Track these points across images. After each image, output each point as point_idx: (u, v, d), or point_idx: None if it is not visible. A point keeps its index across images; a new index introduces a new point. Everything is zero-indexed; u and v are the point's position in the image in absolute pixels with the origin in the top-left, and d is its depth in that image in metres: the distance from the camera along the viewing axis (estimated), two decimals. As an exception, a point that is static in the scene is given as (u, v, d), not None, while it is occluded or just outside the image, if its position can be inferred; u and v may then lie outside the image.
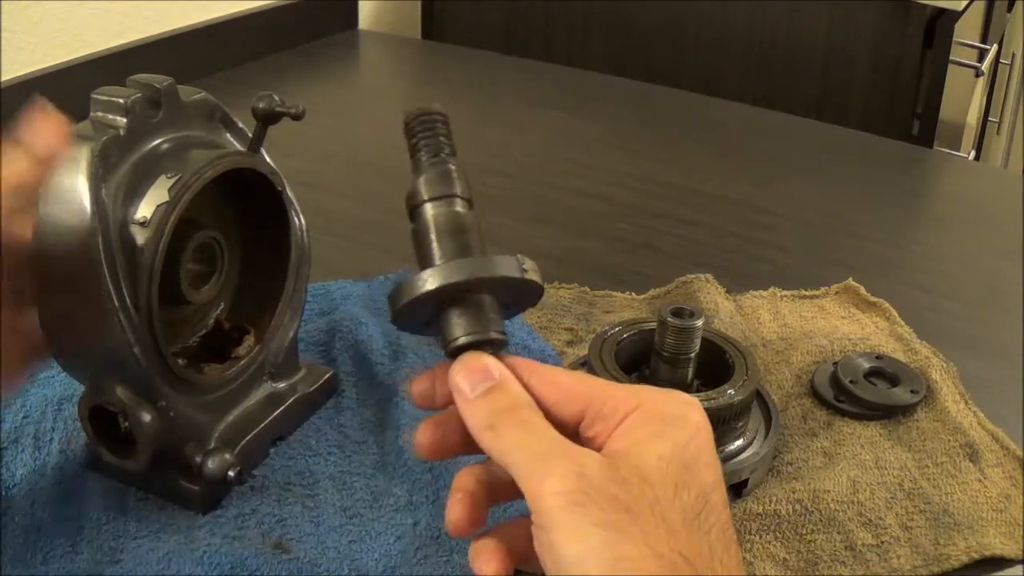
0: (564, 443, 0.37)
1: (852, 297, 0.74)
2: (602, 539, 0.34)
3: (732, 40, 1.31)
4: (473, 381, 0.39)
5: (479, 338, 0.39)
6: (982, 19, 1.49)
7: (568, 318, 0.70)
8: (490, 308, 0.40)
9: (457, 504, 0.40)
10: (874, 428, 0.60)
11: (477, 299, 0.40)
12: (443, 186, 0.42)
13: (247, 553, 0.48)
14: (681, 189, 0.94)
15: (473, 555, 0.40)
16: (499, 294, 0.41)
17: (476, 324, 0.40)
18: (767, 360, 0.66)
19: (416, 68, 1.34)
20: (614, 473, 0.35)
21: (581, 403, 0.38)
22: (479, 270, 0.40)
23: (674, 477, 0.36)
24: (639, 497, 0.35)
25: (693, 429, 0.38)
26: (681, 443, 0.37)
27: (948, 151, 1.30)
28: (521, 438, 0.37)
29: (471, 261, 0.40)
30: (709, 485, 0.37)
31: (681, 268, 0.76)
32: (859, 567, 0.50)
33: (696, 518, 0.36)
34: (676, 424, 0.38)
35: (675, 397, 0.39)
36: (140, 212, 0.48)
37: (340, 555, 0.49)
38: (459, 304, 0.40)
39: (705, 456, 0.37)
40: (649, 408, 0.38)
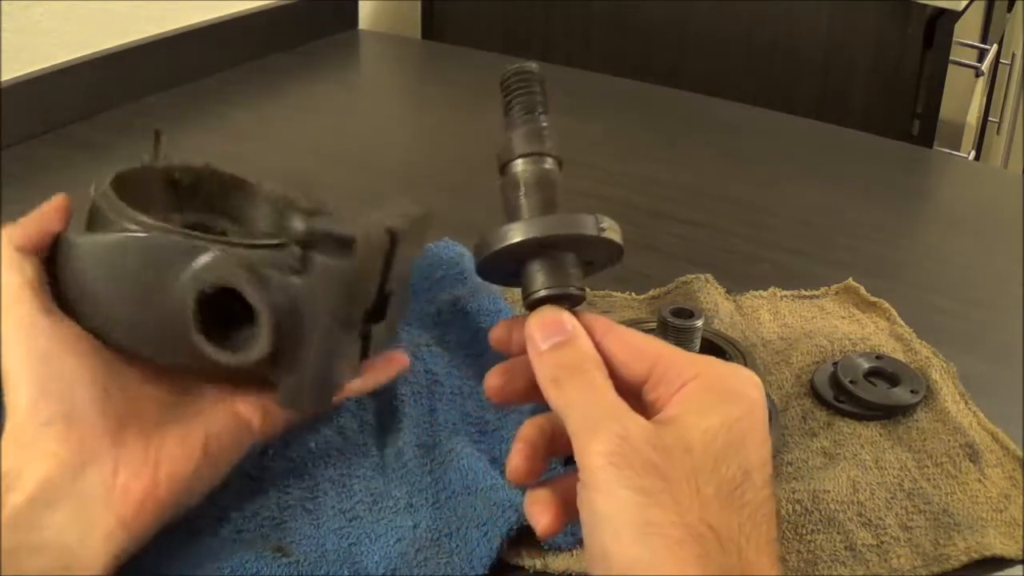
0: (617, 406, 0.38)
1: (852, 297, 0.74)
2: (634, 502, 0.35)
3: (732, 40, 1.31)
4: (546, 333, 0.40)
5: (557, 292, 0.41)
6: (982, 19, 1.49)
7: (568, 318, 0.70)
8: (570, 264, 0.42)
9: (517, 453, 0.41)
10: (874, 428, 0.60)
11: (558, 255, 0.42)
12: (535, 143, 0.45)
13: (247, 556, 0.48)
14: (681, 189, 0.94)
15: (528, 504, 0.42)
16: (581, 251, 0.43)
17: (555, 278, 0.41)
18: (767, 360, 0.66)
19: (416, 68, 1.34)
20: (657, 440, 0.36)
21: (647, 365, 0.40)
22: (561, 227, 0.41)
23: (717, 451, 0.37)
24: (678, 466, 0.36)
25: (748, 406, 0.38)
26: (732, 419, 0.37)
27: (948, 151, 1.30)
28: (580, 395, 0.39)
29: (555, 218, 0.42)
30: (753, 463, 0.37)
31: (681, 268, 0.76)
32: (859, 567, 0.50)
33: (731, 493, 0.36)
34: (731, 399, 0.38)
35: (736, 372, 0.40)
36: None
37: (340, 557, 0.49)
38: (541, 258, 0.42)
39: (755, 435, 0.38)
40: (708, 379, 0.39)
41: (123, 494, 0.42)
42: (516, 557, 0.50)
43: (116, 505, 0.42)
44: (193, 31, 1.12)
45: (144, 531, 0.44)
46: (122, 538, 0.42)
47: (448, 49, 1.36)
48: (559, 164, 0.45)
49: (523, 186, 0.43)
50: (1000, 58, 1.72)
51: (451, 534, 0.50)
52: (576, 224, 0.42)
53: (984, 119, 1.79)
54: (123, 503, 0.42)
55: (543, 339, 0.40)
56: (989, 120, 1.83)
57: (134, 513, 0.42)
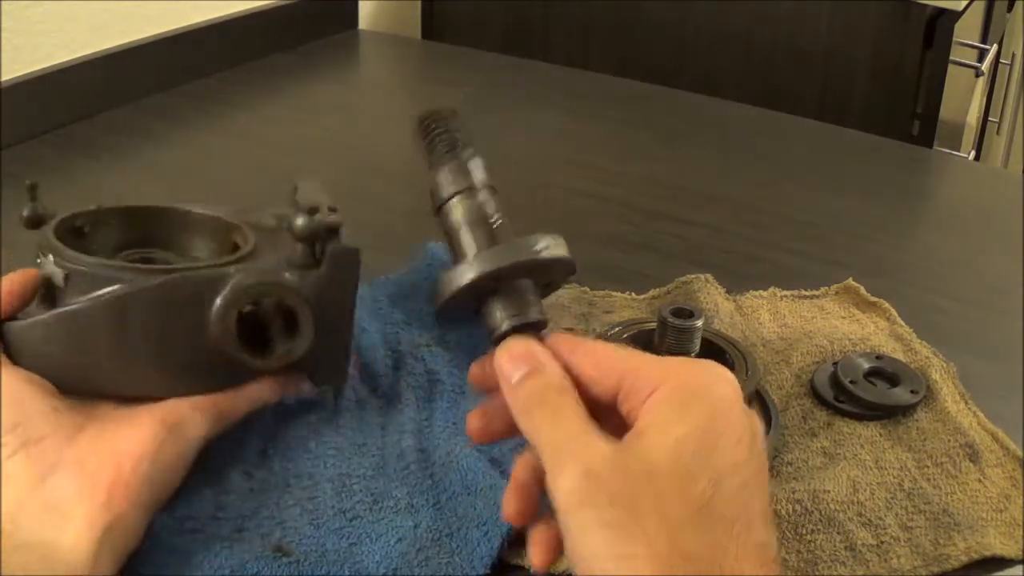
0: (581, 433, 0.37)
1: (852, 297, 0.74)
2: (603, 538, 0.35)
3: (732, 40, 1.31)
4: (515, 366, 0.40)
5: (519, 322, 0.41)
6: (982, 19, 1.49)
7: (568, 318, 0.70)
8: (527, 291, 0.42)
9: (512, 496, 0.41)
10: (874, 428, 0.60)
11: (513, 285, 0.42)
12: (462, 180, 0.45)
13: (247, 556, 0.48)
14: (681, 189, 0.94)
15: (529, 544, 0.41)
16: (534, 275, 0.42)
17: (515, 309, 0.41)
18: (767, 360, 0.66)
19: (416, 68, 1.34)
20: (622, 467, 0.36)
21: (616, 377, 0.39)
22: (507, 257, 0.41)
23: (684, 467, 0.36)
24: (643, 492, 0.35)
25: (718, 405, 0.37)
26: (701, 423, 0.37)
27: (948, 151, 1.30)
28: (547, 426, 0.38)
29: (499, 249, 0.42)
30: (725, 468, 0.36)
31: (681, 268, 0.76)
32: (859, 567, 0.50)
33: (702, 510, 0.35)
34: (699, 400, 0.37)
35: (704, 369, 0.39)
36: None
37: (340, 557, 0.49)
38: (496, 293, 0.42)
39: (727, 435, 0.37)
40: (674, 384, 0.38)
41: (92, 483, 0.44)
42: (516, 557, 0.50)
43: (88, 493, 0.44)
44: (193, 31, 1.12)
45: (126, 510, 0.45)
46: (105, 519, 0.44)
47: (448, 49, 1.36)
48: (493, 191, 0.45)
49: (462, 225, 0.43)
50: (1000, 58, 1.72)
51: (452, 534, 0.50)
52: (520, 251, 0.42)
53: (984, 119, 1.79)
54: (94, 490, 0.44)
55: (512, 372, 0.40)
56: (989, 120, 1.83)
57: (107, 497, 0.44)
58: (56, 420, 0.46)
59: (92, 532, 0.43)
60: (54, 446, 0.45)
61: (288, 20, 1.25)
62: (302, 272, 0.51)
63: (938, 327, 0.70)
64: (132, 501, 0.45)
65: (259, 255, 0.52)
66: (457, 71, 1.26)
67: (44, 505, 0.43)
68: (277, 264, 0.51)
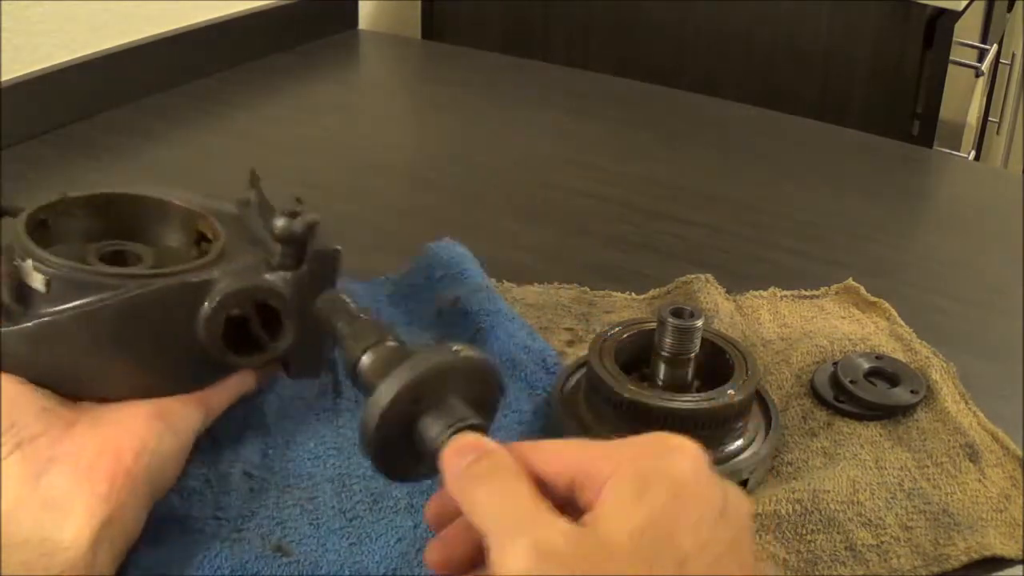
0: (535, 512, 0.35)
1: (852, 297, 0.74)
2: None
3: (732, 40, 1.31)
4: (462, 456, 0.38)
5: (460, 425, 0.39)
6: (982, 19, 1.49)
7: (568, 318, 0.70)
8: (453, 400, 0.40)
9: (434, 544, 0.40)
10: (874, 428, 0.60)
11: (441, 400, 0.40)
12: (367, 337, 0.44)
13: (247, 556, 0.48)
14: (681, 189, 0.94)
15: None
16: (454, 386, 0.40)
17: (449, 417, 0.39)
18: (767, 360, 0.66)
19: (416, 68, 1.34)
20: (578, 548, 0.34)
21: (571, 471, 0.37)
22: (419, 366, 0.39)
23: (646, 550, 0.34)
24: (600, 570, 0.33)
25: (676, 485, 0.35)
26: (659, 507, 0.35)
27: (948, 151, 1.30)
28: (495, 499, 0.36)
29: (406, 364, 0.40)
30: (688, 549, 0.34)
31: (681, 268, 0.76)
32: (859, 567, 0.50)
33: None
34: (656, 484, 0.35)
35: (658, 448, 0.37)
36: None
37: (340, 557, 0.49)
38: (425, 412, 0.40)
39: (687, 516, 0.35)
40: (629, 469, 0.36)
41: (90, 475, 0.44)
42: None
43: (87, 486, 0.44)
44: (193, 31, 1.12)
45: (126, 503, 0.45)
46: (106, 510, 0.44)
47: (448, 49, 1.36)
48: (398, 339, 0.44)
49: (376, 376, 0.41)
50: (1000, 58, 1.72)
51: (451, 534, 0.50)
52: (430, 357, 0.40)
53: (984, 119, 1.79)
54: (94, 482, 0.44)
55: (460, 461, 0.37)
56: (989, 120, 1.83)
57: (109, 488, 0.44)
58: (47, 419, 0.46)
59: (92, 523, 0.43)
60: (48, 443, 0.45)
61: (288, 20, 1.25)
62: (284, 273, 0.52)
63: (938, 327, 0.70)
64: (132, 493, 0.45)
65: (234, 251, 0.52)
66: (457, 71, 1.26)
67: (43, 501, 0.43)
68: (258, 265, 0.52)
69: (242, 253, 0.53)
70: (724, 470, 0.54)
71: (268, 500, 0.52)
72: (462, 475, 0.37)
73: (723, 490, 0.37)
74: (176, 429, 0.49)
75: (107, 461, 0.45)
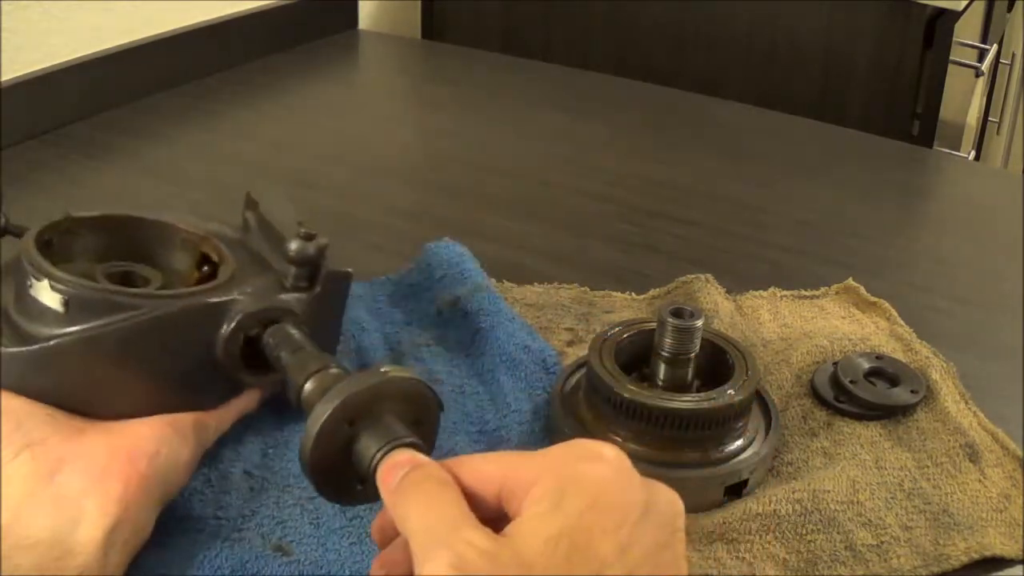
0: (455, 521, 0.35)
1: (852, 297, 0.74)
2: None
3: (732, 40, 1.31)
4: (396, 471, 0.38)
5: (395, 443, 0.40)
6: (982, 19, 1.49)
7: (568, 318, 0.70)
8: (393, 424, 0.41)
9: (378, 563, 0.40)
10: (874, 428, 0.60)
11: (377, 419, 0.41)
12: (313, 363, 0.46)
13: (247, 556, 0.48)
14: (681, 189, 0.94)
15: None
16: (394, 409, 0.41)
17: (386, 436, 0.40)
18: (767, 360, 0.66)
19: (416, 68, 1.34)
20: (494, 562, 0.33)
21: (497, 483, 0.37)
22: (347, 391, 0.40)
23: (562, 561, 0.34)
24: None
25: (595, 492, 0.35)
26: (574, 516, 0.35)
27: (948, 151, 1.30)
28: (420, 510, 0.36)
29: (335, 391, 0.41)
30: (606, 556, 0.34)
31: (681, 268, 0.76)
32: (859, 567, 0.50)
33: None
34: (574, 493, 0.35)
35: (580, 455, 0.37)
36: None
37: (341, 557, 0.49)
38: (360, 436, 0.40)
39: (607, 522, 0.35)
40: (549, 478, 0.36)
41: (104, 475, 0.44)
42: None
43: (100, 487, 0.44)
44: (193, 31, 1.12)
45: (140, 504, 0.45)
46: (118, 512, 0.44)
47: (448, 49, 1.36)
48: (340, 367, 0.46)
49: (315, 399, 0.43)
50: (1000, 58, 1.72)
51: (451, 534, 0.50)
52: (363, 379, 0.41)
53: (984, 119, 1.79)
54: (108, 483, 0.44)
55: (393, 476, 0.38)
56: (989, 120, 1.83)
57: (123, 488, 0.44)
58: (55, 424, 0.46)
59: (105, 525, 0.43)
60: (58, 444, 0.45)
61: (288, 20, 1.25)
62: (298, 294, 0.53)
63: (938, 327, 0.70)
64: (145, 495, 0.45)
65: (244, 273, 0.53)
66: (457, 71, 1.26)
67: (55, 501, 0.43)
68: (273, 286, 0.53)
69: (254, 275, 0.54)
70: (724, 470, 0.54)
71: (268, 500, 0.52)
72: (394, 489, 0.38)
73: (648, 492, 0.37)
74: (186, 438, 0.49)
75: (121, 463, 0.45)
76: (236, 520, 0.51)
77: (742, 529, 0.52)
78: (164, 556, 0.48)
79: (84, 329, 0.47)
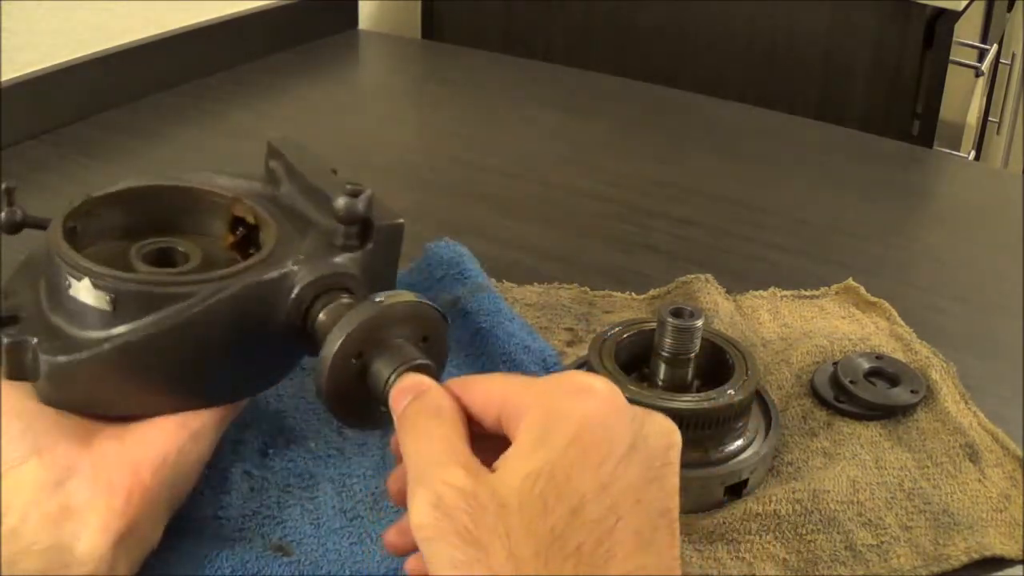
0: (440, 459, 0.36)
1: (852, 297, 0.74)
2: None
3: (732, 40, 1.31)
4: (403, 396, 0.39)
5: (407, 366, 0.41)
6: (982, 19, 1.49)
7: (568, 318, 0.70)
8: (405, 345, 0.42)
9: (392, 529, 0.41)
10: (874, 428, 0.60)
11: (388, 344, 0.42)
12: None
13: (248, 556, 0.48)
14: (681, 189, 0.94)
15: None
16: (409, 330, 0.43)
17: (397, 359, 0.41)
18: (767, 360, 0.66)
19: (416, 68, 1.34)
20: (471, 501, 0.34)
21: (498, 407, 0.38)
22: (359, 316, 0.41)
23: (536, 499, 0.34)
24: (492, 528, 0.34)
25: (577, 429, 0.35)
26: (558, 450, 0.35)
27: (948, 151, 1.30)
28: (411, 449, 0.37)
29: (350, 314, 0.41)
30: (586, 493, 0.34)
31: (681, 268, 0.76)
32: (859, 567, 0.50)
33: (554, 544, 0.33)
34: (561, 425, 0.35)
35: (568, 387, 0.37)
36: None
37: (341, 557, 0.49)
38: (373, 359, 0.41)
39: (591, 456, 0.35)
40: (539, 409, 0.36)
41: (108, 488, 0.44)
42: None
43: (104, 500, 0.43)
44: (193, 31, 1.12)
45: (144, 516, 0.45)
46: (121, 525, 0.43)
47: (448, 49, 1.36)
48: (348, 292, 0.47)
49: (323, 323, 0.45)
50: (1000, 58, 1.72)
51: (451, 534, 0.50)
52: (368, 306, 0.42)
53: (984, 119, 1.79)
54: (111, 496, 0.44)
55: (401, 403, 0.39)
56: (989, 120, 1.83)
57: (124, 502, 0.44)
58: (65, 428, 0.45)
59: (108, 537, 0.43)
60: (68, 451, 0.44)
61: (288, 20, 1.25)
62: (351, 254, 0.49)
63: (938, 327, 0.70)
64: (150, 505, 0.45)
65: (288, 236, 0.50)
66: (457, 71, 1.26)
67: (62, 509, 0.43)
68: (322, 247, 0.49)
69: (298, 236, 0.50)
70: (724, 470, 0.54)
71: (269, 500, 0.52)
72: (399, 417, 0.39)
73: (638, 425, 0.37)
74: (199, 436, 0.48)
75: (125, 475, 0.44)
76: (236, 520, 0.51)
77: (742, 529, 0.52)
78: (164, 556, 0.48)
79: (137, 327, 0.44)
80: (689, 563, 0.50)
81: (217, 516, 0.51)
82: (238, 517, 0.51)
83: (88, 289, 0.44)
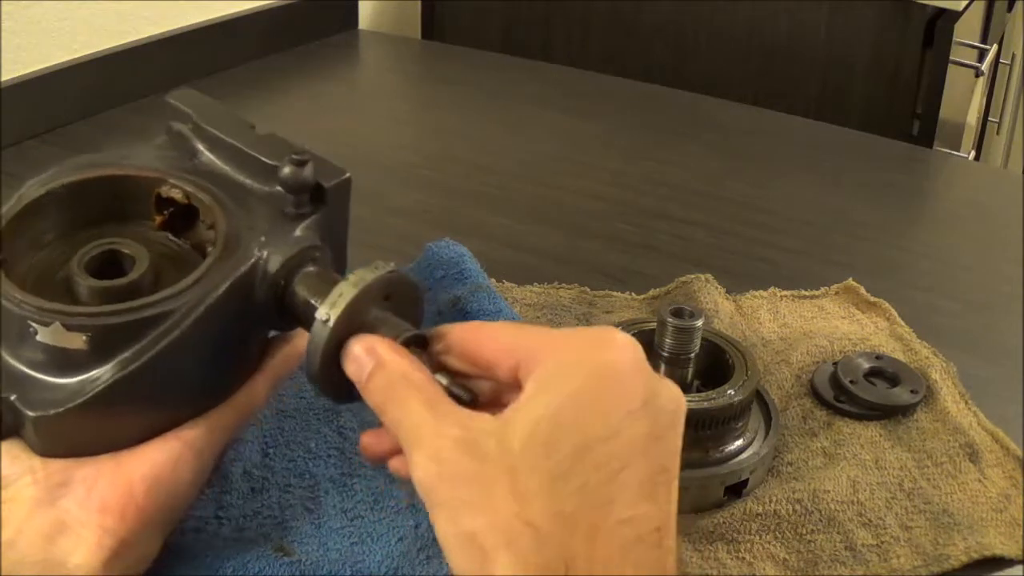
0: (428, 419, 0.37)
1: (852, 297, 0.74)
2: (447, 515, 0.35)
3: (732, 40, 1.31)
4: (357, 368, 0.40)
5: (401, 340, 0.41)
6: (982, 19, 1.49)
7: (568, 318, 0.70)
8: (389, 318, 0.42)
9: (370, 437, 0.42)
10: (874, 428, 0.60)
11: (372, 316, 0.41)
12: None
13: (248, 556, 0.48)
14: (681, 189, 0.94)
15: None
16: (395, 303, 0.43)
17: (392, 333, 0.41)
18: (767, 360, 0.66)
19: (416, 68, 1.34)
20: (472, 449, 0.35)
21: (515, 356, 0.38)
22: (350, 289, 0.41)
23: (543, 438, 0.35)
24: (493, 468, 0.34)
25: (592, 376, 0.36)
26: (567, 394, 0.35)
27: (948, 151, 1.30)
28: (398, 417, 0.38)
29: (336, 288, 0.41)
30: (593, 437, 0.35)
31: (681, 268, 0.76)
32: (859, 567, 0.50)
33: (557, 481, 0.34)
34: (576, 370, 0.36)
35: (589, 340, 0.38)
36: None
37: (342, 557, 0.49)
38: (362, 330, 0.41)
39: (606, 401, 0.35)
40: (556, 357, 0.37)
41: (101, 507, 0.43)
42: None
43: (96, 516, 0.43)
44: (193, 31, 1.12)
45: (138, 532, 0.44)
46: (112, 544, 0.43)
47: (448, 49, 1.36)
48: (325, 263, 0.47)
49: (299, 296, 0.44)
50: (1000, 58, 1.72)
51: (452, 534, 0.50)
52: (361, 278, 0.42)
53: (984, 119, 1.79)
54: (103, 514, 0.43)
55: (359, 372, 0.40)
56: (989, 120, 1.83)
57: (117, 519, 0.43)
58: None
59: (101, 556, 0.42)
60: (62, 467, 0.43)
61: (288, 20, 1.25)
62: (305, 222, 0.47)
63: (938, 327, 0.70)
64: (144, 524, 0.44)
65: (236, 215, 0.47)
66: (457, 71, 1.26)
67: (55, 525, 0.42)
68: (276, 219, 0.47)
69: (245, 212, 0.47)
70: (724, 470, 0.54)
71: (269, 500, 0.52)
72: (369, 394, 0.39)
73: (654, 384, 0.37)
74: (198, 454, 0.46)
75: (118, 494, 0.43)
76: (237, 520, 0.51)
77: (742, 529, 0.52)
78: (165, 556, 0.48)
79: (120, 363, 0.41)
80: (689, 563, 0.50)
81: (217, 516, 0.51)
82: (239, 517, 0.51)
83: (60, 332, 0.40)
